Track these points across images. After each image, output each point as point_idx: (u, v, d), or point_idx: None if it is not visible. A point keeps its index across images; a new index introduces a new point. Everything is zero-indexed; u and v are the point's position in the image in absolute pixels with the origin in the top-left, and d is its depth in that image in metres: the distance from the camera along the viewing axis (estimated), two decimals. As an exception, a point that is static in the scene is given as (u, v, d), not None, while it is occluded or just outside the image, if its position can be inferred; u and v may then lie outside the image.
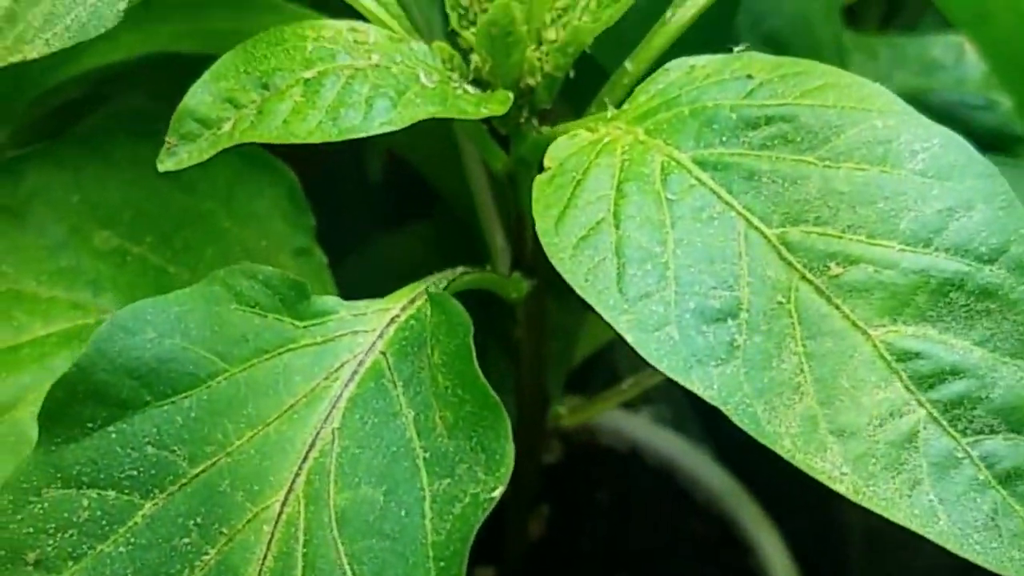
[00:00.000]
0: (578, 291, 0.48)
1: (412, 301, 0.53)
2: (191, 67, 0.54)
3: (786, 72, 0.52)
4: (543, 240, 0.49)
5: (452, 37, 0.59)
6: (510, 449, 0.46)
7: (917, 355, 0.47)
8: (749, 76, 0.52)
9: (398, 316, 0.52)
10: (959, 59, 0.84)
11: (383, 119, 0.51)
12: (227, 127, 0.52)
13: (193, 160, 0.52)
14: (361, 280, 0.85)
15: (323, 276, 0.67)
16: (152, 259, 0.64)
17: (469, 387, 0.47)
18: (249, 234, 0.66)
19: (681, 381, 0.46)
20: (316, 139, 0.51)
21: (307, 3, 0.65)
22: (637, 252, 0.48)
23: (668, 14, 0.60)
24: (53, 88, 0.68)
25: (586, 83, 0.61)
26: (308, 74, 0.52)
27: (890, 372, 0.47)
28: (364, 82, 0.52)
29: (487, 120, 0.59)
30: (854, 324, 0.48)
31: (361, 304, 0.53)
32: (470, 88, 0.57)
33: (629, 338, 0.47)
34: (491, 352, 0.72)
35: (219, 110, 0.52)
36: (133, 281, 0.64)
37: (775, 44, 0.78)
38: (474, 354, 0.47)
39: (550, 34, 0.58)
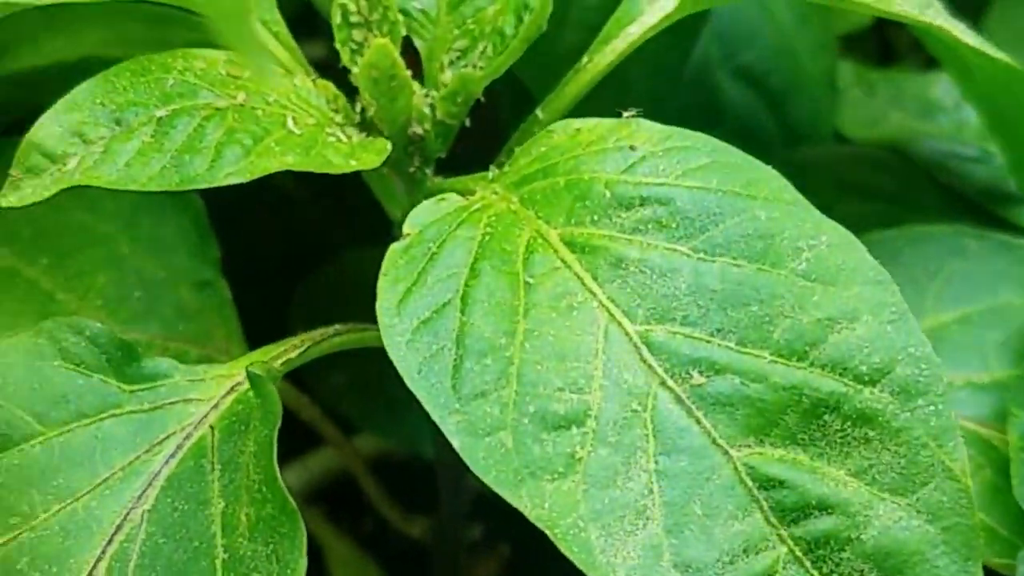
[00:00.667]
0: (408, 384, 0.43)
1: (265, 363, 0.50)
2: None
3: (672, 146, 0.47)
4: (380, 321, 0.45)
5: (346, 74, 0.55)
6: (303, 564, 0.42)
7: (782, 483, 0.43)
8: (632, 147, 0.47)
9: (239, 385, 0.48)
10: (959, 102, 0.78)
11: (230, 169, 0.47)
12: (72, 164, 0.48)
13: (36, 197, 0.48)
14: (312, 304, 0.82)
15: (225, 312, 0.63)
16: (43, 283, 0.61)
17: (271, 486, 0.43)
18: (148, 263, 0.63)
19: (508, 497, 0.42)
20: (155, 187, 0.47)
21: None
22: (479, 343, 0.44)
23: (584, 59, 0.55)
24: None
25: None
26: (162, 112, 0.48)
27: (750, 500, 0.43)
28: (219, 125, 0.48)
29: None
30: (714, 442, 0.43)
31: (200, 369, 0.49)
32: (355, 133, 0.53)
33: (455, 443, 0.42)
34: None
35: (66, 144, 0.48)
36: (17, 308, 0.61)
37: (751, 80, 0.73)
38: (275, 452, 0.43)
39: (445, 78, 0.53)
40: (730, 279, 0.44)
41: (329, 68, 0.56)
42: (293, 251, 0.83)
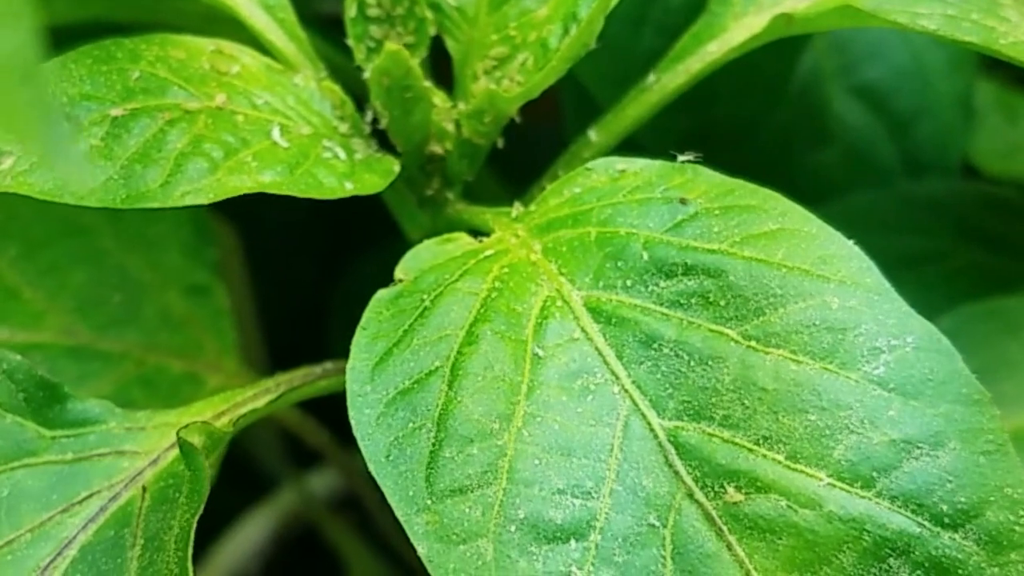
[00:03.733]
0: (372, 469, 0.37)
1: (219, 415, 0.43)
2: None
3: (733, 203, 0.40)
4: (349, 387, 0.38)
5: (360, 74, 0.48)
6: None
7: (827, 638, 0.35)
8: (683, 201, 0.40)
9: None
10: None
11: (188, 187, 0.41)
12: (6, 164, 0.42)
13: (-38, 198, 0.42)
14: (354, 309, 0.76)
15: (220, 323, 0.58)
16: (8, 277, 0.56)
17: (184, 583, 0.36)
18: (134, 261, 0.57)
19: (478, 623, 0.35)
20: (95, 203, 0.41)
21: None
22: (465, 425, 0.37)
23: (651, 78, 0.49)
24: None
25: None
26: (118, 111, 0.42)
27: (785, 658, 0.35)
28: (185, 131, 0.42)
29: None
30: (748, 575, 0.36)
31: (140, 415, 0.43)
32: (362, 146, 0.46)
33: (420, 549, 0.36)
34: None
35: (2, 140, 0.42)
36: (-26, 302, 0.55)
37: (870, 99, 0.65)
38: (190, 544, 0.36)
39: (477, 89, 0.47)
40: (786, 377, 0.37)
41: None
42: (330, 247, 0.78)
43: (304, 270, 0.79)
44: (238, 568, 0.71)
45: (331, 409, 0.64)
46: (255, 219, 0.64)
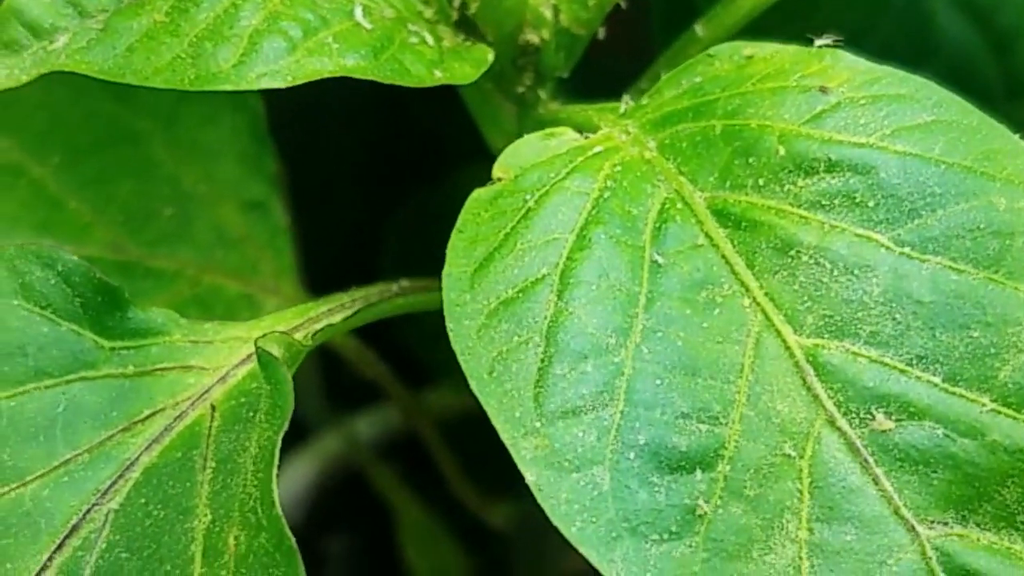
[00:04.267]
0: (474, 387, 0.33)
1: (294, 329, 0.40)
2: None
3: (881, 92, 0.36)
4: (446, 295, 0.34)
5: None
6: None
7: (989, 584, 0.32)
8: (823, 89, 0.36)
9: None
10: None
11: (266, 68, 0.37)
12: (60, 42, 0.39)
13: (10, 83, 0.39)
14: (409, 239, 0.73)
15: (278, 242, 0.55)
16: (51, 186, 0.53)
17: (267, 511, 0.33)
18: (187, 172, 0.54)
19: (594, 560, 0.32)
20: (160, 83, 0.37)
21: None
22: (578, 340, 0.34)
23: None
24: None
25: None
26: (186, -19, 0.38)
27: (941, 604, 0.32)
28: (259, 8, 0.38)
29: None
30: (897, 512, 0.33)
31: (208, 327, 0.39)
32: (449, 34, 0.43)
33: (529, 476, 0.32)
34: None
35: (57, 15, 0.39)
36: (15, 213, 0.52)
37: (974, 13, 0.62)
38: (275, 463, 0.33)
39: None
40: (946, 289, 0.34)
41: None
42: (387, 169, 0.74)
43: (350, 199, 0.76)
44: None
45: (386, 345, 0.61)
46: (300, 145, 0.61)
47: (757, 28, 0.46)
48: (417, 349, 0.65)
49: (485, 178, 0.42)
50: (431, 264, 0.40)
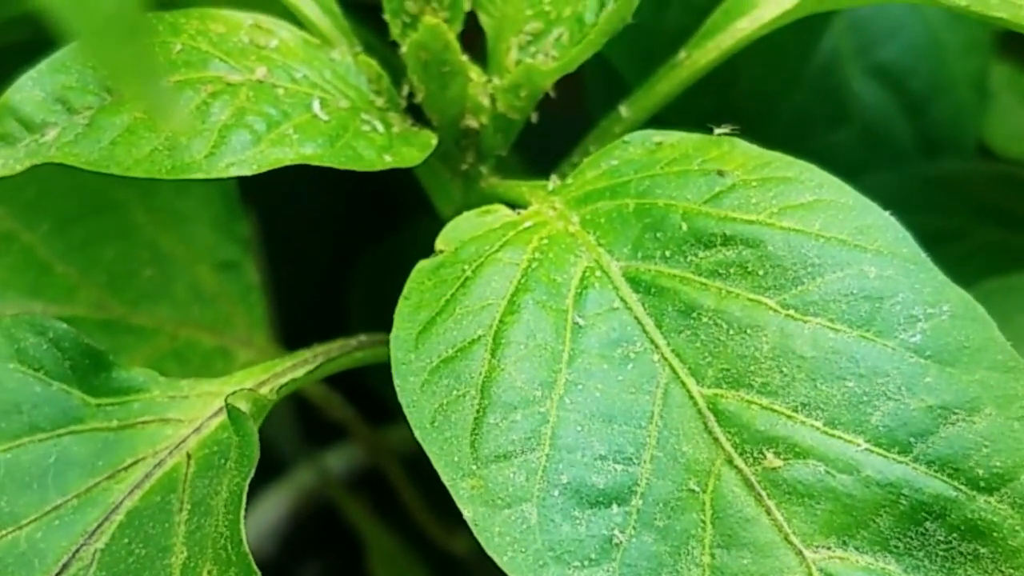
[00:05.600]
0: (418, 435, 0.38)
1: (261, 384, 0.44)
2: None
3: (770, 175, 0.41)
4: (393, 355, 0.39)
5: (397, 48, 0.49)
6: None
7: (866, 599, 0.37)
8: (720, 173, 0.41)
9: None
10: None
11: (232, 159, 0.42)
12: (51, 135, 0.43)
13: (5, 171, 0.43)
14: (374, 287, 0.76)
15: (250, 298, 0.59)
16: (40, 252, 0.57)
17: (236, 548, 0.38)
18: (166, 237, 0.58)
19: (524, 584, 0.36)
20: (142, 173, 0.42)
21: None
22: (509, 393, 0.38)
23: (682, 55, 0.50)
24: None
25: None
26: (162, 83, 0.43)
27: (824, 618, 0.37)
28: (228, 103, 0.43)
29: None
30: (787, 539, 0.37)
31: (183, 384, 0.44)
32: (398, 120, 0.48)
33: (467, 513, 0.37)
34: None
35: (47, 112, 0.44)
36: (7, 277, 0.56)
37: (887, 79, 0.66)
38: (243, 506, 0.38)
39: (511, 63, 0.48)
40: (824, 345, 0.38)
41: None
42: (355, 223, 0.79)
43: (319, 254, 0.80)
44: (254, 546, 0.72)
45: (351, 386, 0.65)
46: (272, 205, 0.65)
47: (680, 101, 0.52)
48: (380, 390, 0.69)
49: (436, 230, 0.46)
50: (392, 312, 0.44)
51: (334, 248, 0.80)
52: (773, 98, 0.65)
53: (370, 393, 0.65)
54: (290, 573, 0.73)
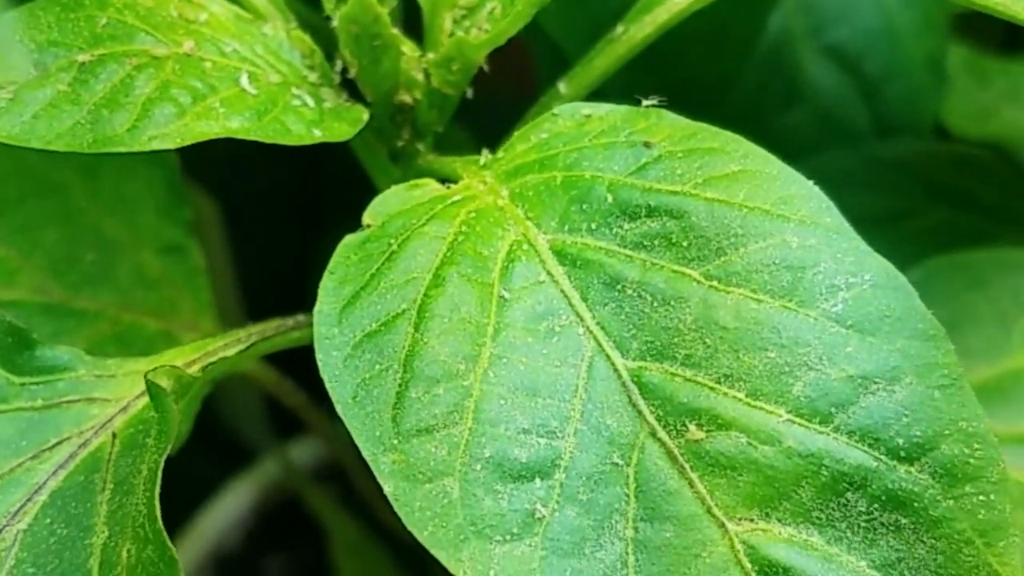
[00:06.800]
0: (339, 410, 0.38)
1: (190, 363, 0.44)
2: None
3: (695, 147, 0.41)
4: (316, 330, 0.39)
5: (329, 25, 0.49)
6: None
7: (787, 570, 0.37)
8: (647, 144, 0.41)
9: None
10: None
11: (155, 132, 0.42)
12: (-28, 111, 0.43)
13: (-74, 148, 0.43)
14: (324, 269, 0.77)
15: (195, 281, 0.59)
16: (-24, 236, 0.56)
17: (152, 524, 0.38)
18: (109, 221, 0.58)
19: (444, 560, 0.37)
20: (62, 146, 0.42)
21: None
22: (432, 367, 0.39)
23: (619, 29, 0.50)
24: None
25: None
26: (85, 56, 0.43)
27: (746, 589, 0.37)
28: (152, 77, 0.43)
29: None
30: (709, 511, 0.38)
31: (111, 363, 0.44)
32: (331, 96, 0.48)
33: (387, 487, 0.37)
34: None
35: (-30, 85, 0.44)
36: (-62, 263, 0.56)
37: (841, 60, 0.66)
38: (158, 483, 0.38)
39: (446, 38, 0.48)
40: (746, 316, 0.38)
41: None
42: (317, 202, 0.79)
43: (284, 238, 0.80)
44: (220, 539, 0.72)
45: (313, 374, 0.65)
46: (236, 189, 0.65)
47: (627, 81, 0.52)
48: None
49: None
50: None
51: (303, 232, 0.80)
52: (722, 80, 0.65)
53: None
54: (255, 565, 0.74)
